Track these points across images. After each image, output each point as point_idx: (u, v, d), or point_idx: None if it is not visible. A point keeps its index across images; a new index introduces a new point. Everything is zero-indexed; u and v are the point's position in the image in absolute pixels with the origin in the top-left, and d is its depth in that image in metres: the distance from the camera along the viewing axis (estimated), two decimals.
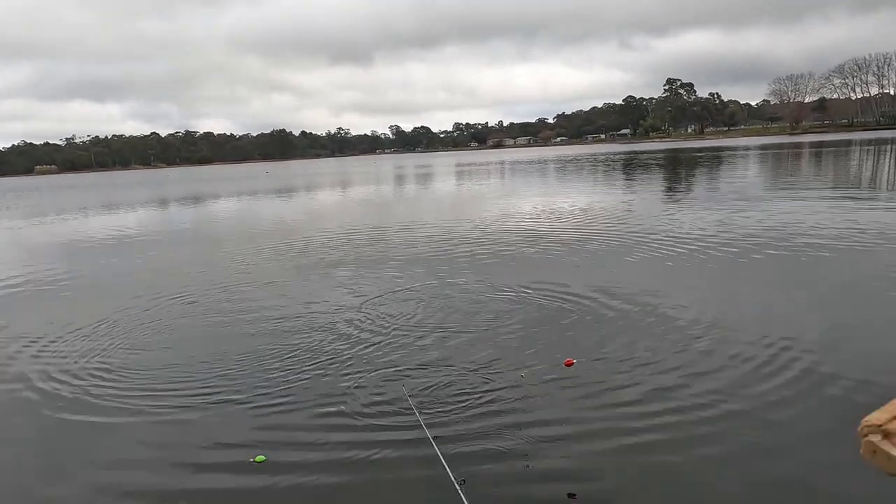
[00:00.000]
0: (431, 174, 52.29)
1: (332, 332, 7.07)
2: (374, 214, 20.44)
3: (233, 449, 4.45)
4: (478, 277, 9.45)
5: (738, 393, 4.84)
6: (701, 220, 13.99)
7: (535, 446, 4.20)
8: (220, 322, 7.89)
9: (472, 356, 5.97)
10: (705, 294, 7.81)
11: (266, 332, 7.21)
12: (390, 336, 6.81)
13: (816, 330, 6.19)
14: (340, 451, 4.35)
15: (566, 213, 17.31)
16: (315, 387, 5.53)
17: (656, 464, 3.93)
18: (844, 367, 5.24)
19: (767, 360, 5.48)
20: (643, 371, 5.37)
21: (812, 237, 11.08)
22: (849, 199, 16.62)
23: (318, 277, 10.24)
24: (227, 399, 5.36)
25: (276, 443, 4.51)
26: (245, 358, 6.34)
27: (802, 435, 4.19)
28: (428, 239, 13.71)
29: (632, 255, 10.62)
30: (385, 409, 4.97)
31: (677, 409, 4.62)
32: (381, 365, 5.96)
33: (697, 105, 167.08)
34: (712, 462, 3.93)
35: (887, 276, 8.15)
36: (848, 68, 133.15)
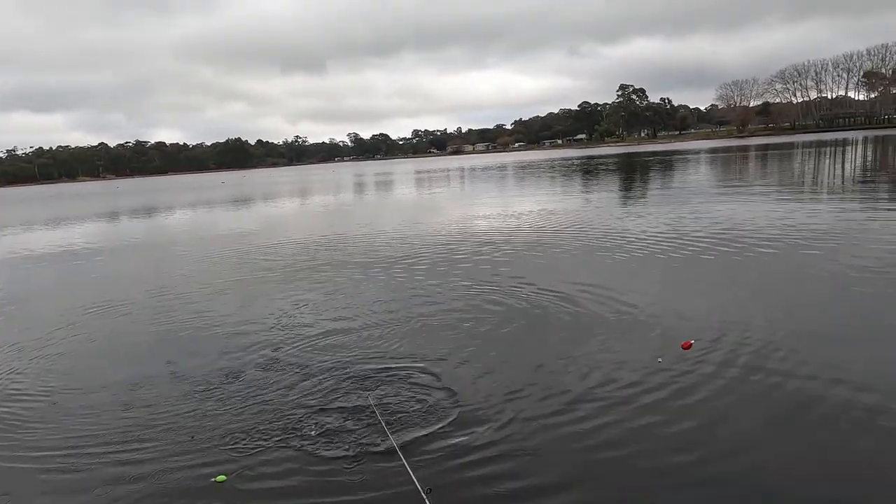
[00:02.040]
0: (391, 181, 52.12)
1: (289, 343, 6.93)
2: (333, 222, 20.20)
3: (193, 468, 4.31)
4: (438, 281, 9.44)
5: (691, 388, 4.95)
6: (654, 221, 14.33)
7: (498, 447, 4.21)
8: (169, 334, 7.64)
9: (434, 361, 5.95)
10: (657, 291, 8.00)
11: (221, 345, 7.00)
12: (350, 345, 6.71)
13: (763, 326, 6.40)
14: (305, 465, 4.26)
15: (525, 216, 17.47)
16: (276, 399, 5.40)
17: (613, 459, 3.98)
18: (785, 359, 5.43)
19: (708, 351, 5.64)
20: (604, 369, 5.44)
21: (756, 236, 11.47)
22: (792, 199, 17.32)
23: (274, 287, 10.02)
24: (183, 415, 5.17)
25: (237, 460, 4.38)
26: (200, 372, 6.16)
27: (747, 425, 4.31)
28: (386, 246, 13.62)
29: (589, 255, 10.78)
30: (349, 419, 4.89)
31: (642, 409, 4.70)
32: (342, 375, 5.85)
33: (650, 110, 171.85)
34: (670, 452, 4.00)
35: (824, 271, 8.52)
36: (788, 74, 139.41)
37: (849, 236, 10.99)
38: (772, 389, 4.97)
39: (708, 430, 4.38)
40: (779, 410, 4.61)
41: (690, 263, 9.85)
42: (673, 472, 3.89)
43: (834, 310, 6.98)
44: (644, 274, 9.39)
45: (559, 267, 10.18)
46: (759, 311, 6.99)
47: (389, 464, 4.13)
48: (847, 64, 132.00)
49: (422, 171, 73.33)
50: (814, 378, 5.09)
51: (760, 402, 4.76)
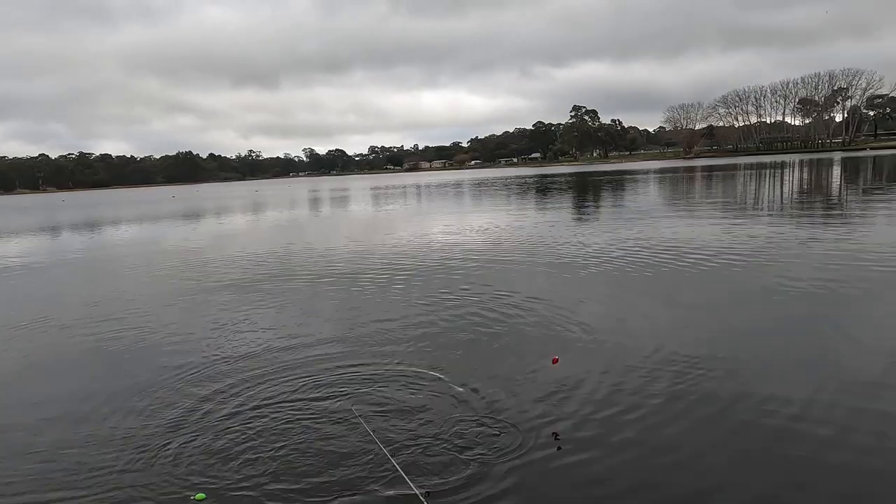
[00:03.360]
0: (347, 197, 51.79)
1: (253, 356, 6.77)
2: (286, 238, 19.88)
3: (172, 488, 4.21)
4: (398, 295, 9.43)
5: (627, 399, 5.08)
6: (604, 238, 14.71)
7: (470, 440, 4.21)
8: (120, 353, 7.34)
9: (410, 368, 5.94)
10: (603, 305, 8.21)
11: (167, 360, 6.77)
12: (318, 355, 6.65)
13: (700, 338, 6.65)
14: (292, 478, 4.23)
15: (480, 233, 17.64)
16: (249, 413, 5.33)
17: (566, 465, 4.04)
18: (725, 371, 5.65)
19: (648, 364, 5.81)
20: (558, 381, 5.52)
21: (701, 252, 11.94)
22: (734, 218, 18.12)
23: (226, 302, 9.77)
24: (160, 435, 5.03)
25: (216, 479, 4.28)
26: (177, 390, 5.96)
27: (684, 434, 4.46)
28: (340, 262, 13.50)
29: (541, 271, 10.97)
30: (335, 429, 4.92)
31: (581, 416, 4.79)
32: (321, 388, 5.84)
33: (601, 131, 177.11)
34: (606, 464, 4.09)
35: (765, 287, 8.92)
36: (730, 99, 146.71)
37: (783, 254, 11.56)
38: (704, 404, 5.14)
39: (650, 442, 4.49)
40: (713, 425, 4.78)
41: (636, 279, 10.15)
42: (615, 480, 3.98)
43: (767, 326, 7.30)
44: (592, 289, 9.60)
45: (511, 282, 10.31)
46: (697, 327, 7.26)
47: (384, 473, 4.16)
48: (784, 91, 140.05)
49: (379, 187, 73.17)
50: (745, 389, 5.30)
51: (692, 415, 4.91)
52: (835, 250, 11.53)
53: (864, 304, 7.90)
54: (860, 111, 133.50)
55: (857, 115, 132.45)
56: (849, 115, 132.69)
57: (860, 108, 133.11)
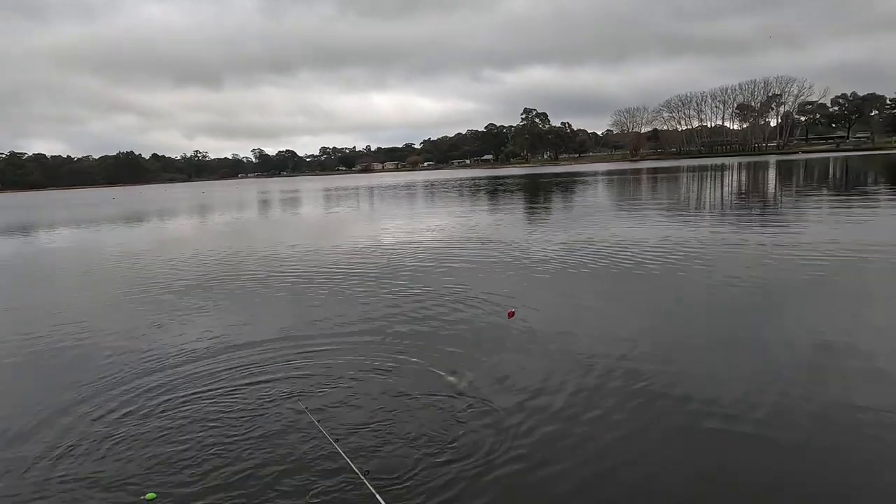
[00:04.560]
0: (298, 199, 50.88)
1: (197, 357, 6.56)
2: (232, 241, 19.34)
3: (121, 489, 4.21)
4: (348, 295, 9.30)
5: (577, 398, 5.17)
6: (553, 239, 14.95)
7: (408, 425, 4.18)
8: (56, 359, 6.96)
9: (351, 363, 5.88)
10: (551, 302, 8.34)
11: (120, 366, 6.47)
12: (264, 352, 6.54)
13: (641, 337, 6.84)
14: (241, 472, 4.37)
15: (432, 233, 17.64)
16: (200, 415, 5.35)
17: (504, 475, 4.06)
18: (664, 367, 5.82)
19: (590, 360, 5.94)
20: (503, 375, 5.56)
21: (643, 253, 12.27)
22: (678, 219, 18.76)
23: (168, 306, 9.40)
24: (107, 437, 5.00)
25: (166, 479, 4.31)
26: (119, 393, 5.74)
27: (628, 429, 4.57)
28: (291, 264, 13.23)
29: (492, 270, 11.05)
30: (281, 421, 5.12)
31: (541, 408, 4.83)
32: (266, 386, 5.92)
33: (552, 133, 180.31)
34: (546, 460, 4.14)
35: (704, 285, 9.27)
36: (674, 103, 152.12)
37: (722, 253, 12.04)
38: (641, 398, 5.28)
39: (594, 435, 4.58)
40: (652, 418, 4.91)
41: (583, 278, 10.35)
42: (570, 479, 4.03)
43: (706, 321, 7.59)
44: (540, 287, 9.74)
45: (461, 281, 10.34)
46: (639, 323, 7.47)
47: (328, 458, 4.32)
48: (723, 96, 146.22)
49: (331, 188, 72.25)
50: (686, 387, 5.48)
51: (630, 409, 5.04)
52: (770, 250, 12.09)
53: (795, 300, 8.30)
54: (792, 116, 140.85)
55: (789, 120, 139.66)
56: (782, 121, 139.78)
57: (793, 113, 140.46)
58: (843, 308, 7.79)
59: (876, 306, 7.93)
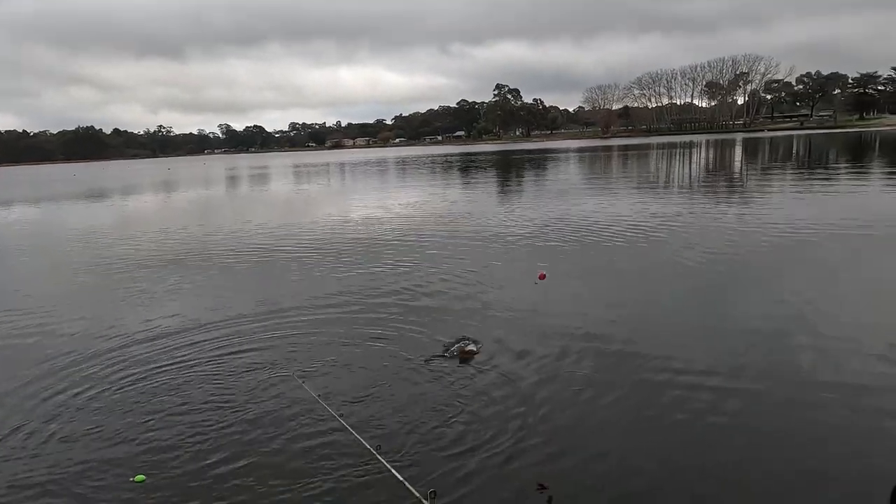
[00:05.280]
0: (266, 175, 49.97)
1: (172, 334, 6.48)
2: (199, 219, 18.99)
3: (110, 469, 4.16)
4: (322, 271, 9.29)
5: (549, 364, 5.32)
6: (527, 214, 15.09)
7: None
8: (23, 341, 6.80)
9: (346, 335, 6.01)
10: (520, 277, 8.47)
11: (96, 345, 6.37)
12: (248, 329, 6.49)
13: (611, 307, 7.04)
14: (233, 450, 4.33)
15: (405, 210, 17.61)
16: (185, 393, 5.32)
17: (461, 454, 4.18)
18: (633, 336, 6.01)
19: (564, 331, 6.10)
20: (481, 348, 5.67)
21: (615, 228, 12.48)
22: (648, 195, 19.09)
23: (136, 285, 9.24)
24: (96, 420, 4.90)
25: (155, 460, 4.26)
26: (97, 373, 5.65)
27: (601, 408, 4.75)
28: (260, 242, 13.09)
29: (464, 246, 11.13)
30: (277, 397, 5.11)
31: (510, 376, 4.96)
32: (253, 360, 5.96)
33: (524, 110, 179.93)
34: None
35: (675, 260, 9.52)
36: (644, 81, 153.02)
37: (692, 227, 12.35)
38: (618, 368, 5.46)
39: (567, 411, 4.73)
40: (626, 392, 5.09)
41: (555, 253, 10.52)
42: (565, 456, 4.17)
43: (671, 294, 7.82)
44: (512, 263, 9.87)
45: (435, 258, 10.40)
46: (609, 296, 7.68)
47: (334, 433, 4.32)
48: (692, 74, 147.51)
49: (301, 165, 71.09)
50: (660, 361, 5.67)
51: (601, 378, 5.21)
52: (735, 225, 12.44)
53: (757, 274, 8.60)
54: (759, 94, 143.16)
55: (756, 98, 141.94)
56: (749, 99, 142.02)
57: (759, 91, 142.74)
58: (806, 280, 8.10)
59: (834, 279, 8.27)
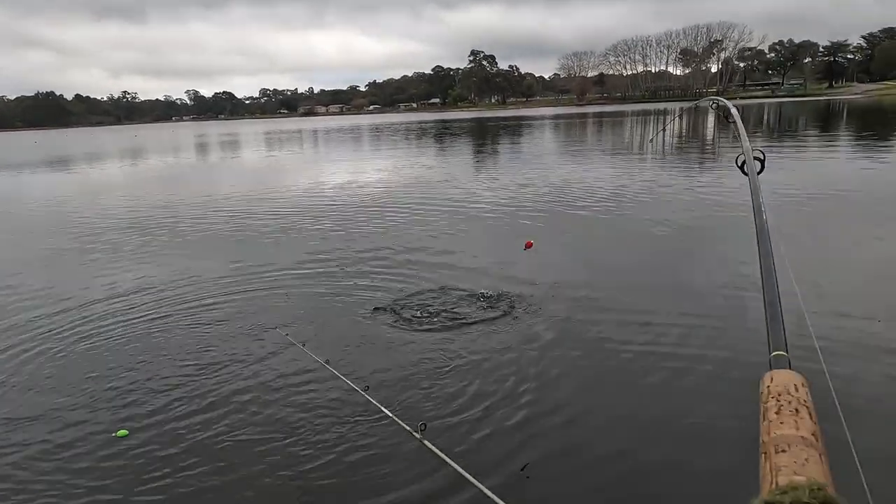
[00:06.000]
0: (237, 143, 48.84)
1: (155, 292, 6.36)
2: (168, 188, 18.54)
3: (91, 425, 4.17)
4: (297, 236, 9.18)
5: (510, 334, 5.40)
6: (503, 182, 15.09)
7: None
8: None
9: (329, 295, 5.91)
10: (491, 244, 8.51)
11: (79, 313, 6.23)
12: (227, 289, 6.37)
13: (580, 274, 7.15)
14: (226, 406, 4.35)
15: (381, 176, 17.45)
16: (168, 348, 5.40)
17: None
18: (602, 307, 6.12)
19: (534, 298, 6.18)
20: (451, 320, 5.71)
21: (590, 196, 12.60)
22: (621, 162, 19.23)
23: (105, 256, 9.03)
24: (81, 376, 4.92)
25: (137, 414, 4.30)
26: (79, 330, 5.48)
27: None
28: (229, 210, 12.88)
29: (439, 213, 11.12)
30: (266, 353, 5.17)
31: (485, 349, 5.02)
32: (234, 315, 6.08)
33: (499, 76, 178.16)
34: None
35: (651, 226, 9.65)
36: (620, 48, 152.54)
37: (664, 196, 12.50)
38: (587, 337, 5.56)
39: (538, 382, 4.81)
40: (595, 362, 5.19)
41: (531, 221, 10.57)
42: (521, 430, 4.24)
43: (639, 261, 7.95)
44: (485, 231, 9.90)
45: (409, 226, 10.37)
46: (579, 264, 7.79)
47: (323, 377, 4.10)
48: (667, 41, 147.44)
49: (272, 132, 69.61)
50: (626, 326, 5.79)
51: (577, 351, 5.31)
52: (703, 194, 12.61)
53: (725, 242, 8.77)
54: (732, 63, 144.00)
55: (729, 66, 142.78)
56: (723, 67, 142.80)
57: (732, 59, 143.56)
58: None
59: (797, 245, 8.49)
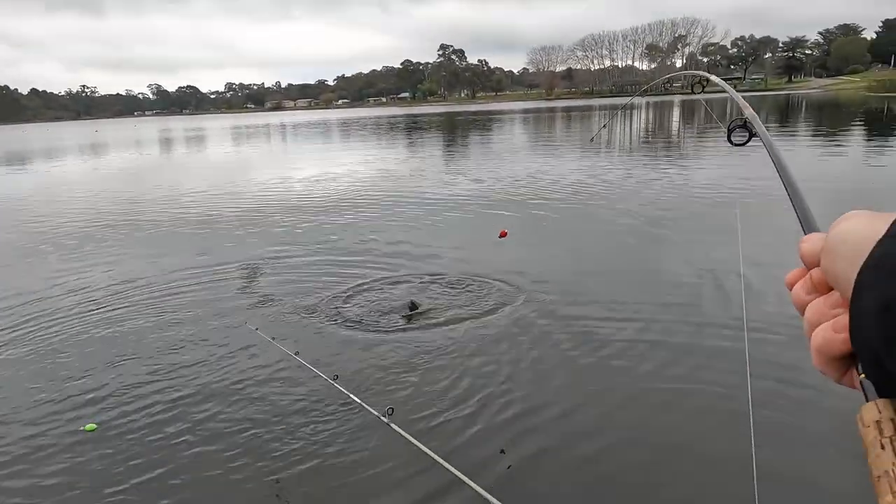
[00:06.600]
0: (203, 137, 47.86)
1: (119, 287, 6.27)
2: (130, 185, 18.14)
3: (60, 417, 4.19)
4: (261, 231, 9.12)
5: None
6: (473, 177, 15.22)
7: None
8: None
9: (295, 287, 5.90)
10: (468, 243, 8.63)
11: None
12: (193, 283, 6.35)
13: (549, 265, 7.31)
14: (193, 401, 4.36)
15: (351, 170, 17.38)
16: (136, 343, 5.39)
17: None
18: (566, 290, 6.28)
19: (500, 288, 6.32)
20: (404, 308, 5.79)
21: (560, 190, 12.82)
22: (589, 156, 19.53)
23: (67, 255, 8.84)
24: (48, 372, 4.91)
25: (105, 408, 4.30)
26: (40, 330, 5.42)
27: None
28: (193, 209, 12.69)
29: (406, 212, 11.18)
30: (236, 347, 5.17)
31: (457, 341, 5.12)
32: (202, 310, 6.06)
33: (469, 71, 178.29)
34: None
35: (607, 218, 9.87)
36: (587, 43, 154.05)
37: (630, 189, 12.78)
38: (542, 325, 5.70)
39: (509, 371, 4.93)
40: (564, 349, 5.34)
41: (505, 213, 10.71)
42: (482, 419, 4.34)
43: (606, 251, 8.16)
44: (454, 224, 10.00)
45: (380, 218, 10.40)
46: (547, 255, 7.94)
47: (292, 368, 4.08)
48: (634, 36, 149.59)
49: (240, 126, 68.38)
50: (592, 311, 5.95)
51: (547, 340, 5.45)
52: (668, 186, 12.95)
53: (685, 234, 9.06)
54: (696, 58, 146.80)
55: (693, 61, 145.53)
56: (687, 62, 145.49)
57: (696, 54, 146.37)
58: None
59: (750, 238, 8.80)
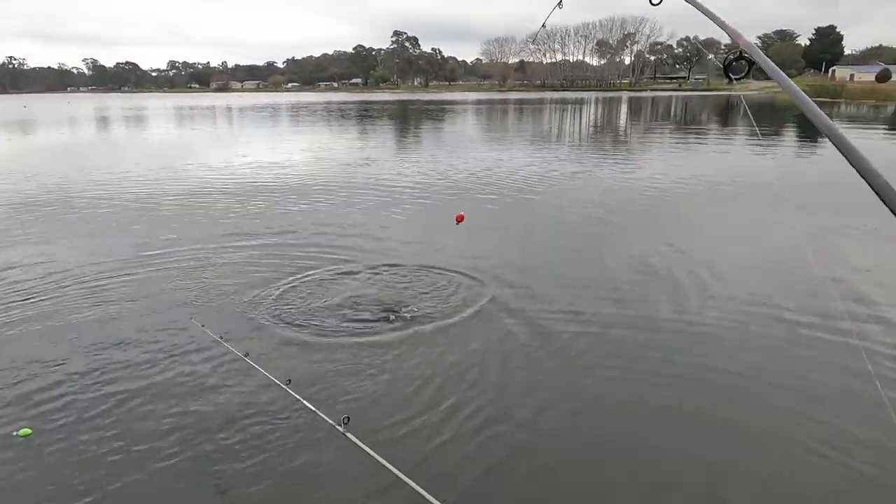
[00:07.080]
0: (143, 117, 45.70)
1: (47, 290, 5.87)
2: (63, 165, 17.13)
3: None
4: (206, 217, 8.77)
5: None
6: (424, 168, 15.12)
7: None
8: None
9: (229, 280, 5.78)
10: (420, 233, 8.58)
11: None
12: (131, 275, 6.13)
13: (499, 258, 7.35)
14: (136, 401, 4.15)
15: (302, 157, 16.99)
16: (71, 340, 5.08)
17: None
18: (520, 285, 6.33)
19: (449, 279, 6.32)
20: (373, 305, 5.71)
21: (509, 182, 12.92)
22: (539, 150, 19.76)
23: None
24: None
25: (40, 412, 4.02)
26: None
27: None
28: (132, 192, 12.11)
29: (359, 198, 11.00)
30: (177, 345, 4.98)
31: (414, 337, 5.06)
32: (143, 305, 5.80)
33: (422, 59, 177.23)
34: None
35: (556, 214, 10.01)
36: (540, 36, 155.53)
37: (575, 184, 13.02)
38: (496, 316, 5.73)
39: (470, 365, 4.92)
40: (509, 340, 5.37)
41: (454, 207, 10.68)
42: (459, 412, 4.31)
43: (555, 245, 8.28)
44: (405, 219, 9.92)
45: (332, 213, 10.20)
46: (498, 248, 7.98)
47: (238, 365, 3.88)
48: (585, 31, 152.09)
49: (183, 107, 65.69)
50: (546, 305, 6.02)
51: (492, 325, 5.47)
52: (616, 181, 13.26)
53: (633, 227, 9.29)
54: (644, 56, 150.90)
55: (641, 59, 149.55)
56: (635, 59, 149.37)
57: (644, 52, 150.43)
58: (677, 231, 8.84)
59: (698, 229, 9.11)
